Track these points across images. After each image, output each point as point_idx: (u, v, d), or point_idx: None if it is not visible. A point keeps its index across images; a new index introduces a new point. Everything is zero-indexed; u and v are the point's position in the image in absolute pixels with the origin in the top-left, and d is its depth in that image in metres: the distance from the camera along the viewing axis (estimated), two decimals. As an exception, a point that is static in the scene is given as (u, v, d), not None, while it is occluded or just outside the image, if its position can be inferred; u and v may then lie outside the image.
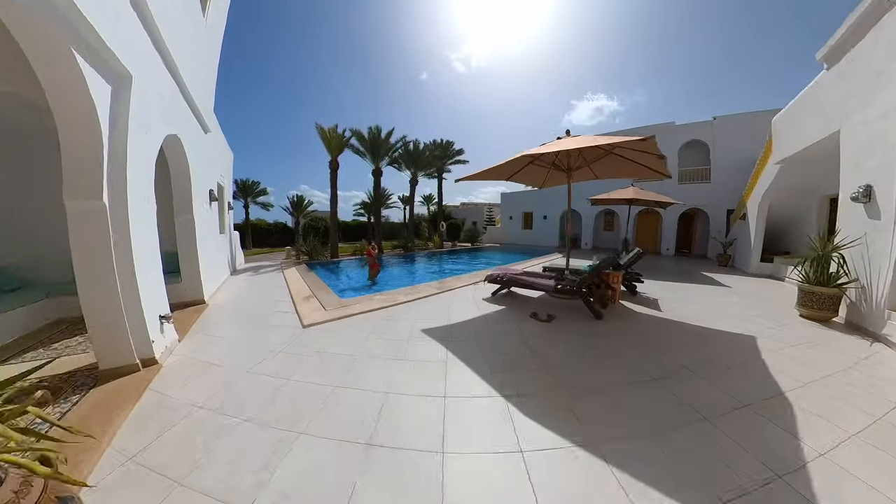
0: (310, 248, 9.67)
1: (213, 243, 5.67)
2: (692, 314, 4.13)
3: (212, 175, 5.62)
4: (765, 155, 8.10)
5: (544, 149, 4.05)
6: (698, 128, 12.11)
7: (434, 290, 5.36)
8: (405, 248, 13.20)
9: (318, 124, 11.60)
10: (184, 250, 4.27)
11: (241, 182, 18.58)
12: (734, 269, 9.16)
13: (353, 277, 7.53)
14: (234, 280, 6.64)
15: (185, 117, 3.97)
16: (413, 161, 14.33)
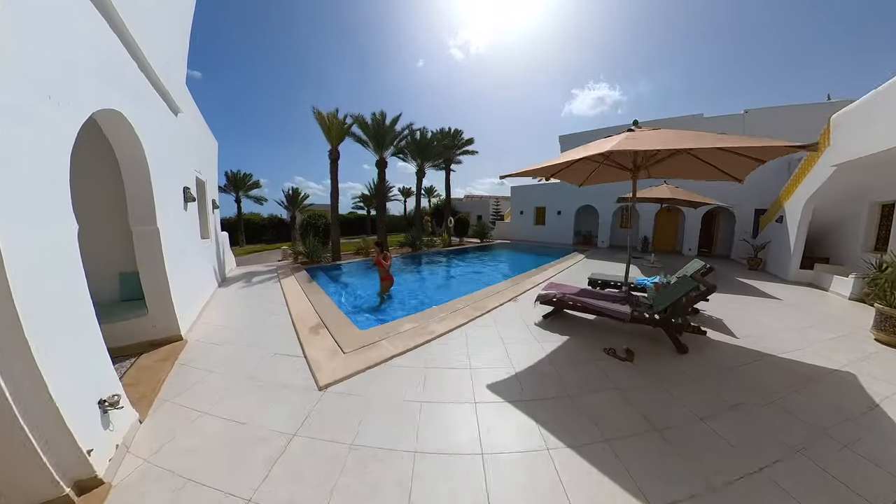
0: (310, 250, 8.72)
1: (193, 255, 4.58)
2: (769, 339, 3.66)
3: (186, 169, 4.46)
4: (811, 158, 7.55)
5: (630, 145, 3.27)
6: (728, 121, 11.34)
7: (471, 311, 4.47)
8: (413, 247, 12.52)
9: (315, 109, 10.52)
10: (148, 272, 3.16)
11: (231, 174, 17.32)
12: (766, 273, 8.65)
13: (362, 289, 6.54)
14: (222, 295, 5.52)
15: (137, 87, 2.81)
16: (420, 151, 13.39)
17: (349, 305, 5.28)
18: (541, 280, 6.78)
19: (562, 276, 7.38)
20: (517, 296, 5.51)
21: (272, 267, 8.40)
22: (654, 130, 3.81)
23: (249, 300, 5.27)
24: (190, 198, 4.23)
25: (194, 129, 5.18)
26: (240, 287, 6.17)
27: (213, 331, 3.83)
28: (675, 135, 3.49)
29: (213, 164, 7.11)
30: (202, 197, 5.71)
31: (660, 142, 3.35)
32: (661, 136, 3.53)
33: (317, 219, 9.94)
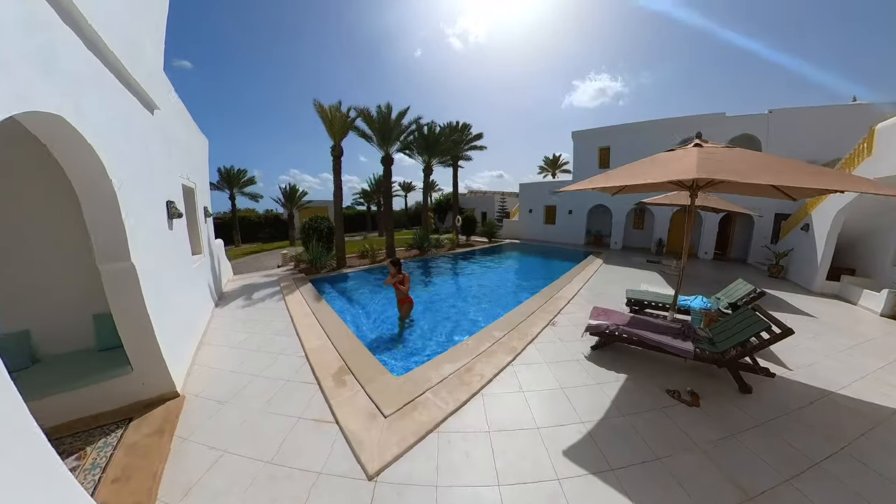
0: (314, 257, 8.07)
1: (184, 283, 3.85)
2: (820, 369, 3.51)
3: (169, 177, 3.69)
4: (849, 163, 7.25)
5: (713, 169, 2.61)
6: (750, 121, 10.83)
7: (512, 341, 4.03)
8: (421, 249, 12.10)
9: (317, 102, 9.76)
10: (126, 321, 2.47)
11: (224, 170, 16.32)
12: (788, 281, 8.40)
13: (377, 307, 5.90)
14: (220, 319, 4.88)
15: (87, 79, 1.98)
16: (428, 147, 12.78)
17: (369, 333, 4.69)
18: (570, 294, 6.48)
19: (590, 289, 7.06)
20: (554, 317, 5.21)
21: (273, 277, 7.75)
22: (728, 149, 3.42)
23: (253, 327, 4.60)
24: (175, 214, 3.49)
25: (178, 128, 4.32)
26: (240, 307, 5.50)
27: (216, 379, 3.19)
28: (762, 162, 3.11)
29: (204, 165, 6.27)
30: (191, 205, 4.96)
31: (749, 168, 2.98)
32: (744, 160, 3.16)
33: (319, 221, 9.38)
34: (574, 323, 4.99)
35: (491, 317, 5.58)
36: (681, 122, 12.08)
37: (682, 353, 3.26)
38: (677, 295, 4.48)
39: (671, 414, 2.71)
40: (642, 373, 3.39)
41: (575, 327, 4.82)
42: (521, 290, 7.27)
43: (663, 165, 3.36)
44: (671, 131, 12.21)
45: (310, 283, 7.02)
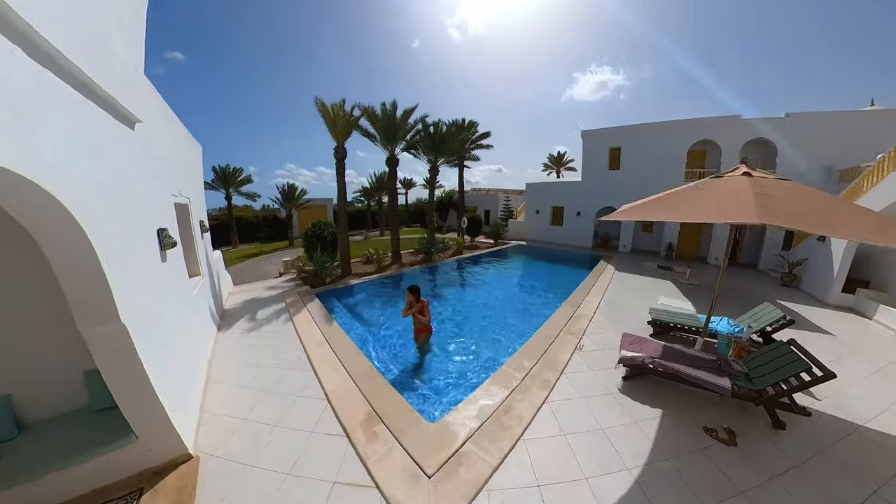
0: (319, 267, 7.71)
1: (184, 317, 3.47)
2: (845, 398, 3.46)
3: (158, 200, 3.23)
4: (874, 173, 6.74)
5: (774, 213, 2.45)
6: (766, 124, 10.43)
7: (543, 371, 3.89)
8: (427, 254, 11.81)
9: (318, 100, 9.20)
10: (120, 386, 2.13)
11: (219, 169, 15.58)
12: (801, 291, 8.30)
13: (393, 329, 5.52)
14: (225, 347, 4.52)
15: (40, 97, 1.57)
16: (435, 146, 12.32)
17: (389, 363, 4.37)
18: (590, 311, 6.28)
19: (608, 303, 6.81)
20: (579, 340, 5.03)
21: (276, 290, 7.35)
22: (781, 182, 3.19)
23: (262, 359, 4.23)
24: (168, 244, 3.05)
25: (166, 140, 3.77)
26: (244, 330, 5.12)
27: (230, 431, 2.88)
28: (823, 205, 2.80)
29: (198, 175, 5.77)
30: (186, 223, 4.48)
31: (810, 211, 2.69)
32: (802, 198, 2.88)
33: (323, 228, 9.01)
34: (600, 346, 4.85)
35: (514, 336, 5.38)
36: (696, 124, 11.78)
37: (720, 391, 3.20)
38: (708, 321, 4.31)
39: (711, 455, 2.71)
40: (676, 406, 3.34)
41: (601, 351, 4.69)
42: (539, 304, 7.06)
43: (716, 199, 3.06)
44: (685, 133, 11.93)
45: (316, 298, 6.69)
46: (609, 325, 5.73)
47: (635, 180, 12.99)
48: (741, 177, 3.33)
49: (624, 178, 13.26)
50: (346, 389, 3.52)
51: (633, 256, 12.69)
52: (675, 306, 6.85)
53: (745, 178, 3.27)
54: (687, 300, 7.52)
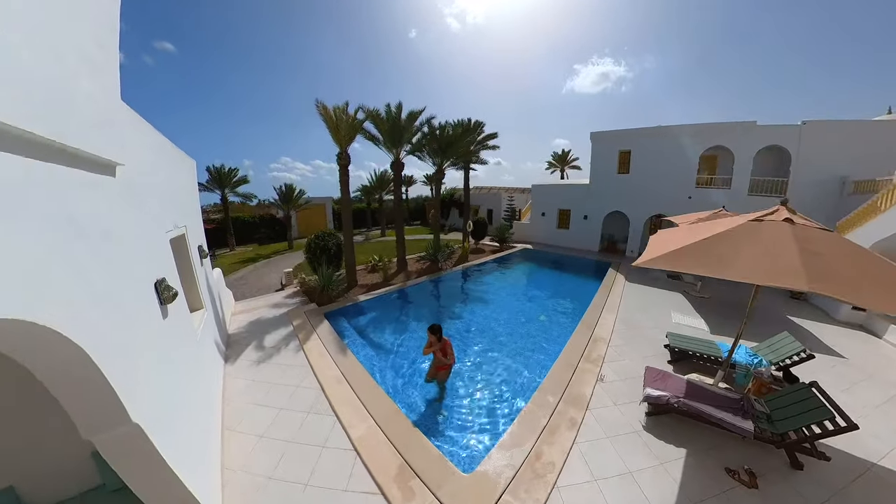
0: (325, 283, 7.39)
1: (193, 367, 3.20)
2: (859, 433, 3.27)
3: (152, 243, 2.91)
4: (893, 192, 6.65)
5: (841, 291, 2.29)
6: (782, 131, 10.14)
7: (568, 409, 3.88)
8: (433, 262, 11.58)
9: (319, 103, 8.75)
10: (139, 481, 1.92)
11: (214, 170, 14.87)
12: (811, 305, 8.28)
13: (410, 364, 5.26)
14: (235, 383, 4.31)
15: None
16: (442, 150, 11.92)
17: (410, 400, 4.23)
18: (607, 333, 6.13)
19: (623, 321, 6.62)
20: (600, 370, 4.94)
21: (281, 309, 7.06)
22: (825, 233, 3.03)
23: (277, 399, 4.03)
24: (169, 297, 2.68)
25: (155, 172, 3.34)
26: (252, 362, 4.87)
27: (257, 493, 2.74)
28: (876, 267, 2.60)
29: (193, 195, 5.35)
30: (184, 252, 4.13)
31: (861, 275, 2.52)
32: (850, 256, 2.74)
33: (326, 239, 8.70)
34: (621, 375, 4.82)
35: (534, 364, 5.27)
36: (709, 129, 11.51)
37: (742, 433, 3.25)
38: (731, 355, 4.21)
39: (733, 498, 2.81)
40: (700, 445, 3.41)
41: (623, 382, 4.69)
42: (554, 325, 6.90)
43: (760, 253, 2.84)
44: (698, 138, 11.67)
45: (325, 320, 6.46)
46: (627, 348, 5.66)
47: (645, 185, 12.78)
48: (783, 223, 3.17)
49: (633, 183, 13.03)
50: (373, 438, 3.38)
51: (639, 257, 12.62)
52: (688, 324, 6.80)
53: (787, 226, 3.11)
54: (699, 317, 7.45)
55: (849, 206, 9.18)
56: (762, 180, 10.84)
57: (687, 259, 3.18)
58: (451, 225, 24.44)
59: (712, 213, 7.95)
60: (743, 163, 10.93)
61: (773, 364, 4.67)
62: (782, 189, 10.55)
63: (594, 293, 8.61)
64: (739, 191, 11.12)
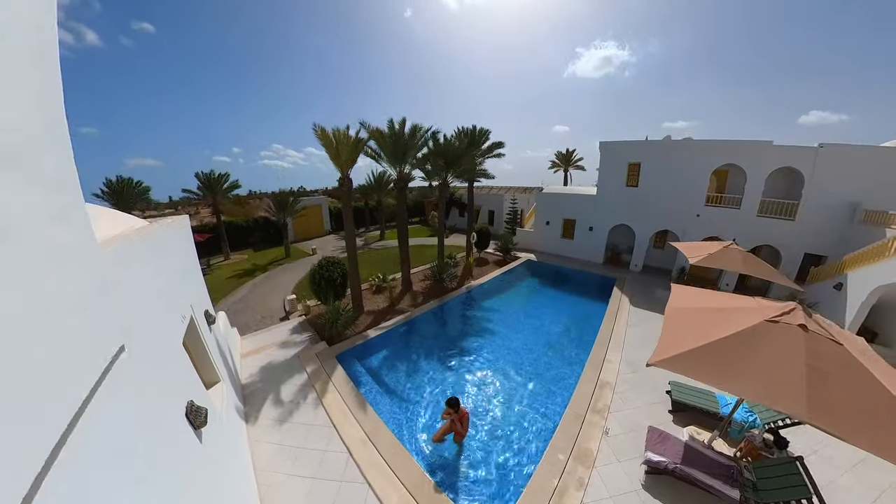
0: (332, 318, 7.48)
1: (229, 465, 3.42)
2: (839, 489, 3.98)
3: (173, 367, 3.04)
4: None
5: (846, 431, 2.46)
6: (797, 153, 10.16)
7: (578, 468, 4.38)
8: (438, 279, 11.76)
9: (317, 126, 8.46)
10: None
11: (203, 176, 14.34)
12: None
13: (426, 413, 5.64)
14: (260, 450, 4.53)
15: None
16: (448, 164, 11.74)
17: (433, 459, 4.67)
18: (612, 377, 6.52)
19: (628, 362, 6.95)
20: (605, 421, 5.36)
21: (290, 348, 7.24)
22: (837, 347, 3.10)
23: (308, 467, 4.32)
24: (201, 420, 2.80)
25: (153, 259, 3.28)
26: (275, 424, 5.07)
27: None
28: (880, 401, 2.72)
29: (190, 255, 5.25)
30: (193, 331, 4.13)
31: (875, 408, 2.75)
32: (855, 381, 2.92)
33: (331, 269, 8.76)
34: (625, 428, 5.29)
35: (544, 411, 5.79)
36: (723, 147, 11.45)
37: (729, 500, 3.82)
38: (728, 419, 4.63)
39: None
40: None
41: (625, 435, 5.16)
42: (561, 362, 7.28)
43: (768, 368, 3.09)
44: (711, 155, 11.63)
45: (338, 364, 6.72)
46: (632, 394, 6.08)
47: (653, 200, 12.85)
48: (797, 329, 3.35)
49: (641, 196, 13.08)
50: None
51: (645, 278, 12.98)
52: (696, 388, 7.02)
53: (800, 334, 3.29)
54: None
55: (857, 234, 9.46)
56: (773, 202, 10.98)
57: (699, 366, 3.39)
58: (453, 225, 24.39)
59: (722, 247, 8.12)
60: (755, 183, 11.01)
61: (766, 424, 5.09)
62: (792, 212, 10.74)
63: (601, 320, 9.00)
64: (749, 211, 11.29)
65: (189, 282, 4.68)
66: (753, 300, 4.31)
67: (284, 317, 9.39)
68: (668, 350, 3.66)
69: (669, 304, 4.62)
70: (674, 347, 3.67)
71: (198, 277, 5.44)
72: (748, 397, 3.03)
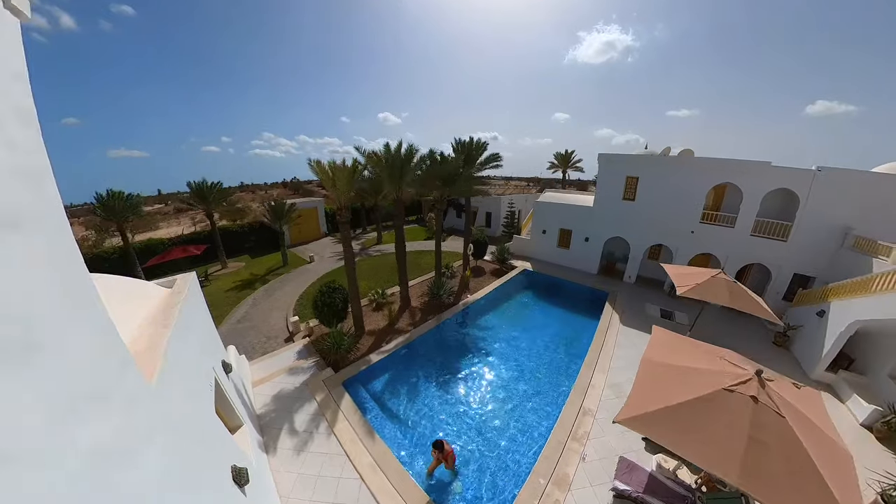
0: (335, 343, 8.25)
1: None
2: None
3: (214, 434, 4.00)
4: (888, 278, 7.23)
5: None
6: (795, 175, 10.62)
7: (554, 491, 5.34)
8: (435, 296, 12.45)
9: (312, 161, 8.98)
10: None
11: (195, 185, 14.51)
12: (790, 354, 9.57)
13: (424, 439, 6.63)
14: (283, 479, 5.38)
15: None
16: (445, 182, 12.15)
17: (432, 479, 5.74)
18: (594, 404, 7.34)
19: (612, 386, 7.88)
20: (584, 448, 6.26)
21: (298, 376, 8.07)
22: (781, 421, 3.71)
23: (327, 493, 5.26)
24: (244, 478, 3.53)
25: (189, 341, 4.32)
26: (293, 453, 5.95)
27: None
28: (809, 477, 3.26)
29: (203, 310, 5.87)
30: (219, 390, 4.82)
31: (791, 479, 3.38)
32: (792, 456, 3.51)
33: (333, 296, 9.47)
34: (600, 454, 6.22)
35: (530, 433, 6.86)
36: (722, 165, 11.88)
37: None
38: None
39: None
40: None
41: (600, 461, 6.09)
42: (549, 385, 8.24)
43: (718, 432, 3.81)
44: (709, 173, 12.08)
45: (345, 391, 7.60)
46: (610, 421, 6.98)
47: (649, 214, 13.43)
48: (749, 400, 3.99)
49: (638, 210, 13.65)
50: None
51: (638, 291, 13.79)
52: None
53: (750, 405, 3.95)
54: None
55: (846, 259, 10.00)
56: (767, 222, 11.56)
57: (659, 429, 4.17)
58: (450, 227, 24.90)
59: (710, 276, 8.83)
60: (750, 202, 11.56)
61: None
62: (786, 233, 11.32)
63: (591, 340, 9.89)
64: (743, 230, 11.92)
65: (208, 343, 5.40)
66: (719, 361, 4.88)
67: (289, 337, 10.22)
68: (634, 408, 4.45)
69: (646, 353, 5.42)
70: (640, 406, 4.43)
71: (212, 332, 6.16)
72: (696, 462, 3.79)
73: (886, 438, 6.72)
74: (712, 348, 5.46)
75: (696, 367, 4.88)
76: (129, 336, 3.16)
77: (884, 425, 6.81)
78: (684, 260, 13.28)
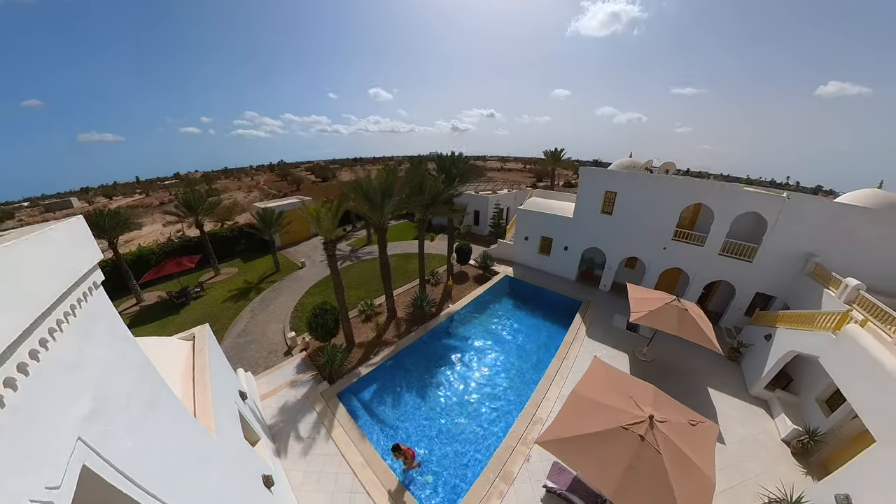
0: (329, 359, 10.22)
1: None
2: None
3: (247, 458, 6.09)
4: (826, 319, 8.22)
5: None
6: (765, 201, 11.88)
7: (500, 483, 7.44)
8: (420, 308, 14.35)
9: (302, 203, 10.61)
10: None
11: (183, 195, 15.64)
12: (738, 368, 11.28)
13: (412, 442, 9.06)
14: (294, 477, 7.61)
15: None
16: (426, 207, 13.60)
17: (408, 475, 7.93)
18: (545, 414, 9.60)
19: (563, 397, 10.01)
20: (529, 450, 8.52)
21: (299, 389, 10.12)
22: (658, 457, 5.55)
23: (327, 485, 7.42)
24: (272, 483, 5.58)
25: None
26: (301, 456, 8.11)
27: None
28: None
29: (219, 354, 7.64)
30: (242, 419, 6.59)
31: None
32: (661, 489, 5.49)
33: (325, 316, 11.43)
34: (542, 457, 8.37)
35: (490, 436, 9.17)
36: (695, 186, 13.22)
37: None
38: None
39: None
40: None
41: (541, 462, 8.29)
42: (513, 394, 10.51)
43: (605, 454, 5.65)
44: (683, 192, 13.44)
45: (339, 402, 9.84)
46: (556, 428, 9.36)
47: (625, 229, 15.05)
48: (637, 437, 5.76)
49: (615, 224, 15.25)
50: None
51: (611, 299, 15.75)
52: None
53: (637, 441, 5.76)
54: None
55: (804, 284, 11.28)
56: (735, 243, 13.04)
57: (567, 451, 6.05)
58: (440, 224, 26.26)
59: (664, 303, 10.70)
60: (721, 223, 13.02)
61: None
62: (752, 255, 12.81)
63: (556, 351, 12.01)
64: (712, 249, 13.53)
65: (229, 382, 7.41)
66: (629, 400, 6.59)
67: (287, 351, 12.39)
68: (553, 433, 6.32)
69: (577, 386, 7.33)
70: (558, 432, 6.27)
71: (228, 370, 8.14)
72: (586, 479, 5.79)
73: (800, 454, 8.33)
74: (635, 386, 7.18)
75: (609, 404, 6.60)
76: (180, 397, 5.10)
77: (798, 443, 8.32)
78: (656, 272, 15.08)
